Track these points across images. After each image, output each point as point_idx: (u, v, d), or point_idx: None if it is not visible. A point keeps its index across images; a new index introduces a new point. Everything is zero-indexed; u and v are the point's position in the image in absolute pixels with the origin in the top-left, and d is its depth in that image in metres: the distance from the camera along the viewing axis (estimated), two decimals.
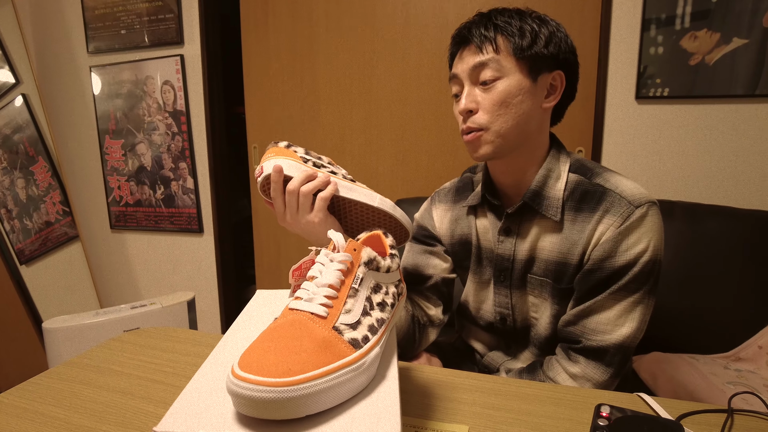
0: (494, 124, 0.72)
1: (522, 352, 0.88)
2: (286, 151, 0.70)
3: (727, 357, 1.24)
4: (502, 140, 0.73)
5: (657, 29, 1.50)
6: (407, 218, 0.70)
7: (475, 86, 0.74)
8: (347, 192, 0.68)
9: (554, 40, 0.73)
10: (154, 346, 0.75)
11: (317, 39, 1.89)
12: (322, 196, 0.67)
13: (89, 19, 2.19)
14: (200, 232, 2.22)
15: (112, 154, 2.29)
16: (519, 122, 0.73)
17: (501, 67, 0.71)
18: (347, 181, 0.70)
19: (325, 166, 0.71)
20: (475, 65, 0.72)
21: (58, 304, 2.11)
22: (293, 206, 0.68)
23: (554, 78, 0.75)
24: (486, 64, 0.71)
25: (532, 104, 0.74)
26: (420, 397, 0.60)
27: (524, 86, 0.72)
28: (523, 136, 0.75)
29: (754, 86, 1.44)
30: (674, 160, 1.57)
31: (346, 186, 0.68)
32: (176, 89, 2.10)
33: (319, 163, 0.71)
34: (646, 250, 0.70)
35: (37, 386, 0.63)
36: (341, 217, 0.73)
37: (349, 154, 1.93)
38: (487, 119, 0.73)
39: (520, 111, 0.73)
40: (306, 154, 0.71)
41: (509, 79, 0.71)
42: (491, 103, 0.72)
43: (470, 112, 0.74)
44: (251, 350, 0.37)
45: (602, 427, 0.50)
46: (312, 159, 0.70)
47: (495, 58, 0.71)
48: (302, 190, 0.66)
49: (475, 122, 0.73)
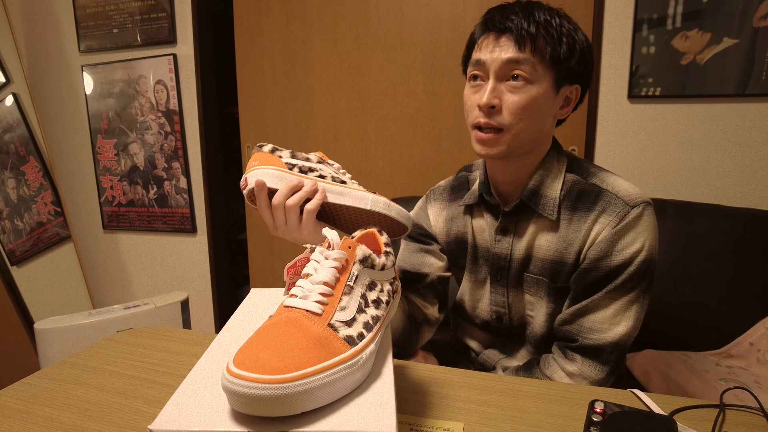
0: (515, 128, 0.71)
1: (517, 351, 0.88)
2: (270, 158, 0.67)
3: (719, 354, 1.25)
4: (517, 144, 0.73)
5: (649, 29, 1.51)
6: (404, 212, 0.67)
7: (501, 82, 0.71)
8: (336, 197, 0.65)
9: (585, 57, 0.73)
10: (148, 346, 0.75)
11: (311, 38, 1.89)
12: (308, 208, 0.64)
13: (81, 17, 2.17)
14: (193, 232, 2.21)
15: (105, 154, 2.27)
16: (536, 129, 0.73)
17: (535, 71, 0.69)
18: (336, 183, 0.66)
19: (314, 169, 0.67)
20: (510, 59, 0.69)
21: (50, 305, 2.09)
22: (280, 219, 0.65)
23: (571, 91, 0.76)
24: (522, 63, 0.69)
25: (549, 113, 0.74)
26: (415, 394, 0.60)
27: (549, 96, 0.72)
28: (534, 142, 0.75)
29: (744, 86, 1.45)
30: (666, 159, 1.58)
31: (335, 190, 0.65)
32: (169, 89, 2.09)
33: (306, 167, 0.67)
34: (642, 250, 0.70)
35: (29, 386, 0.63)
36: (334, 220, 0.71)
37: (343, 153, 1.93)
38: (509, 121, 0.71)
39: (540, 119, 0.72)
40: (292, 158, 0.67)
41: (539, 86, 0.70)
42: (517, 106, 0.70)
43: (492, 108, 0.71)
44: (246, 347, 0.37)
45: (596, 422, 0.51)
46: (298, 163, 0.67)
47: (532, 61, 0.69)
48: (287, 204, 0.64)
49: (497, 121, 0.71)
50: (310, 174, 0.67)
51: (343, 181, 0.67)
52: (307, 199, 0.64)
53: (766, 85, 1.43)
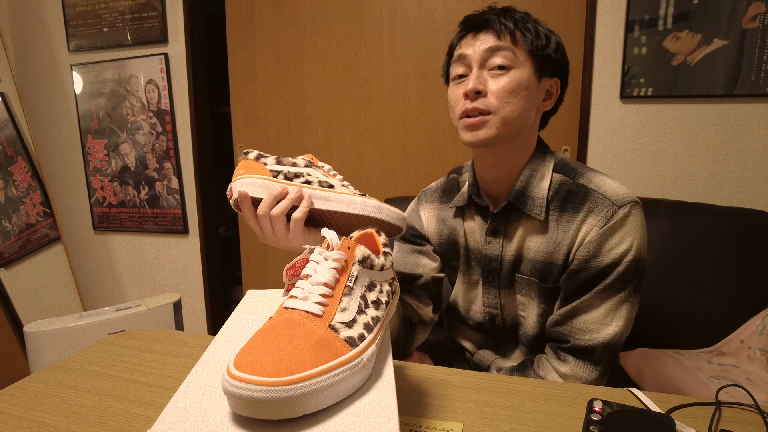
0: (502, 111, 0.73)
1: (511, 351, 0.88)
2: (255, 166, 0.65)
3: (711, 352, 1.26)
4: (505, 128, 0.74)
5: (640, 30, 1.52)
6: (396, 214, 0.65)
7: (484, 70, 0.74)
8: (323, 203, 0.63)
9: (561, 49, 0.77)
10: (142, 348, 0.74)
11: (303, 38, 1.88)
12: (295, 217, 0.62)
13: (70, 16, 2.14)
14: (185, 233, 2.19)
15: (95, 154, 2.24)
16: (522, 114, 0.74)
17: (516, 57, 0.73)
18: (324, 188, 0.64)
19: (300, 175, 0.65)
20: (491, 48, 0.73)
21: (40, 307, 2.06)
22: (268, 229, 0.64)
23: (551, 85, 0.78)
24: (502, 50, 0.72)
25: (533, 102, 0.76)
26: (414, 395, 0.60)
27: (532, 82, 0.74)
28: (521, 130, 0.76)
29: (732, 87, 1.47)
30: (658, 158, 1.59)
31: (322, 196, 0.63)
32: (160, 88, 2.07)
33: (291, 173, 0.65)
34: (630, 249, 0.71)
35: (21, 391, 0.62)
36: (325, 226, 0.69)
37: (336, 153, 1.93)
38: (496, 104, 0.73)
39: (526, 104, 0.74)
40: (277, 164, 0.65)
41: (521, 70, 0.73)
42: (501, 89, 0.72)
43: (478, 93, 0.73)
44: (247, 349, 0.37)
45: (595, 421, 0.51)
46: (284, 169, 0.65)
47: (512, 47, 0.73)
48: (272, 214, 0.62)
49: (484, 104, 0.73)
50: (296, 180, 0.64)
51: (331, 185, 0.65)
52: (294, 207, 0.63)
53: (755, 86, 1.45)
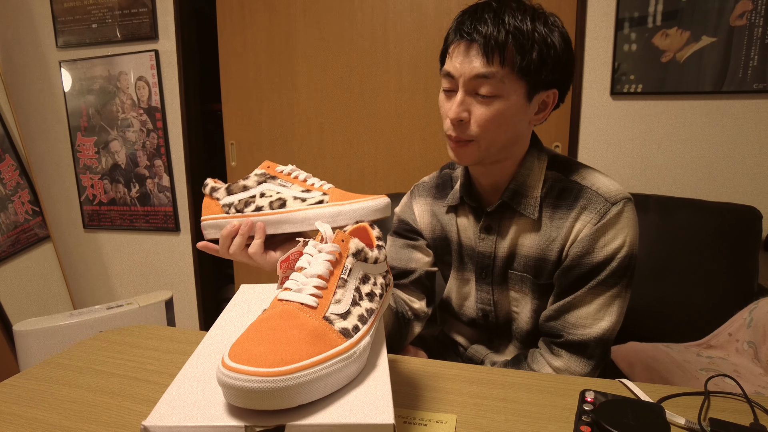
0: (484, 139, 0.71)
1: (505, 346, 0.89)
2: (209, 204, 0.67)
3: (700, 345, 1.28)
4: (488, 152, 0.73)
5: (630, 27, 1.53)
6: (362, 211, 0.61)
7: (470, 95, 0.70)
8: (277, 228, 0.63)
9: (561, 63, 0.70)
10: (134, 344, 0.73)
11: (295, 34, 1.87)
12: (250, 252, 0.64)
13: (58, 12, 2.12)
14: (177, 230, 2.18)
15: (85, 152, 2.22)
16: (508, 138, 0.73)
17: (503, 85, 0.68)
18: (275, 211, 0.63)
19: (251, 201, 0.65)
20: (477, 75, 0.68)
21: (30, 306, 2.04)
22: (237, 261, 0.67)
23: (548, 96, 0.74)
24: (490, 78, 0.67)
25: (521, 122, 0.73)
26: (407, 387, 0.60)
27: (520, 106, 0.71)
28: (508, 148, 0.75)
29: (720, 84, 1.49)
30: (647, 154, 1.61)
31: (274, 221, 0.63)
32: (151, 85, 2.06)
33: (243, 201, 0.65)
34: (623, 246, 0.72)
35: (12, 387, 0.61)
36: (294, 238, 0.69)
37: (329, 151, 1.93)
38: (477, 132, 0.71)
39: (511, 129, 0.72)
40: (228, 196, 0.66)
41: (508, 100, 0.69)
42: (485, 118, 0.70)
43: (461, 121, 0.71)
44: (242, 341, 0.37)
45: (588, 411, 0.51)
46: (233, 200, 0.65)
47: (499, 74, 0.67)
48: (231, 253, 0.65)
49: (465, 133, 0.72)
50: (247, 209, 0.65)
51: (284, 202, 0.64)
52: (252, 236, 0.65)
53: (742, 83, 1.47)
